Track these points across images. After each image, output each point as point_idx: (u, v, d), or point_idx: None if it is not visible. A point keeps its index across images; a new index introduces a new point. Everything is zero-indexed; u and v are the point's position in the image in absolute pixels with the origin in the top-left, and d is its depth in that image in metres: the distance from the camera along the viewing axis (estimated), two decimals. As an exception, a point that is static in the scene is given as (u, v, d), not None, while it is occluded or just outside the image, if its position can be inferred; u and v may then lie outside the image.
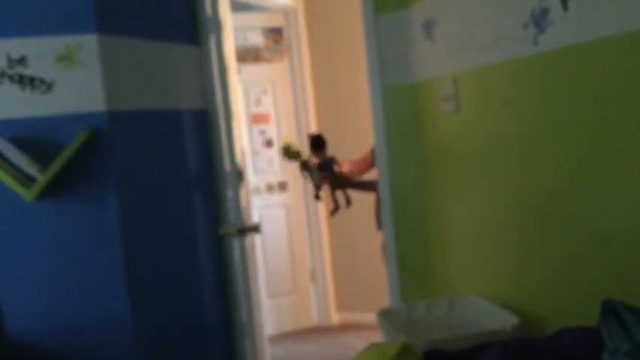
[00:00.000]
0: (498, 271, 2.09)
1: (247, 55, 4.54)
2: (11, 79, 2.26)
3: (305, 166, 3.12)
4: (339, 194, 3.15)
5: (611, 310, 1.06)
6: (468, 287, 2.24)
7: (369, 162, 3.32)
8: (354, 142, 3.87)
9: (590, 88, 1.62)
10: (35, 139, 2.28)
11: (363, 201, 3.89)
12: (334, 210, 3.17)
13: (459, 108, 2.18)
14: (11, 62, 2.26)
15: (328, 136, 4.93)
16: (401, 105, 2.53)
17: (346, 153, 4.00)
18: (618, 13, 1.51)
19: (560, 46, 1.69)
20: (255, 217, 4.16)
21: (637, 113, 1.49)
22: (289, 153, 3.10)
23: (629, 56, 1.50)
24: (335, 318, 4.91)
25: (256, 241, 4.04)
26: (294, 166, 4.80)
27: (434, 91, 2.31)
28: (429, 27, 2.28)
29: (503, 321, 1.85)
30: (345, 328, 4.76)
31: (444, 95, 2.25)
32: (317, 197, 3.23)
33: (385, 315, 2.13)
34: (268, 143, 4.73)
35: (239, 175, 2.79)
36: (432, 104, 2.33)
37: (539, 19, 1.74)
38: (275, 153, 4.76)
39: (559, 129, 1.75)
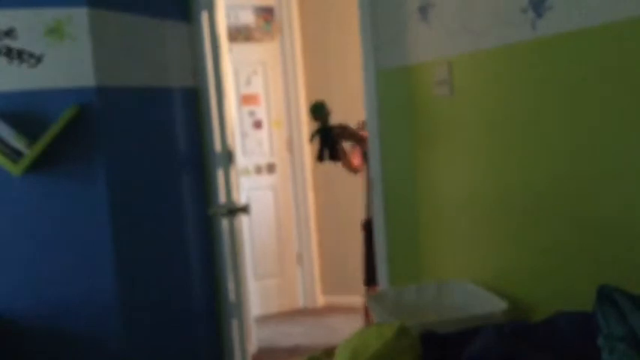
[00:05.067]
0: (488, 256, 2.10)
1: (238, 35, 4.49)
2: (-2, 51, 2.21)
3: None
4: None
5: (606, 295, 1.06)
6: (457, 271, 2.24)
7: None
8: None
9: (589, 74, 1.62)
10: (23, 113, 2.24)
11: (351, 185, 3.89)
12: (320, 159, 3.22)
13: (453, 92, 2.17)
14: (-1, 34, 2.21)
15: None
16: (394, 88, 2.51)
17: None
18: (618, -1, 1.50)
19: (559, 32, 1.68)
20: (242, 199, 4.14)
21: (636, 101, 1.49)
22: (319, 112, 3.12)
23: (629, 43, 1.49)
24: (320, 300, 4.93)
25: (243, 222, 4.03)
26: (282, 149, 4.80)
27: (428, 74, 2.29)
28: (424, 9, 2.26)
29: (492, 306, 1.86)
30: (330, 310, 4.78)
31: (439, 79, 2.23)
32: (320, 158, 3.22)
33: (375, 298, 2.13)
34: (258, 124, 4.69)
35: (229, 156, 2.77)
36: (426, 88, 2.31)
37: (538, 4, 1.73)
38: (264, 134, 4.73)
39: (555, 115, 1.74)
